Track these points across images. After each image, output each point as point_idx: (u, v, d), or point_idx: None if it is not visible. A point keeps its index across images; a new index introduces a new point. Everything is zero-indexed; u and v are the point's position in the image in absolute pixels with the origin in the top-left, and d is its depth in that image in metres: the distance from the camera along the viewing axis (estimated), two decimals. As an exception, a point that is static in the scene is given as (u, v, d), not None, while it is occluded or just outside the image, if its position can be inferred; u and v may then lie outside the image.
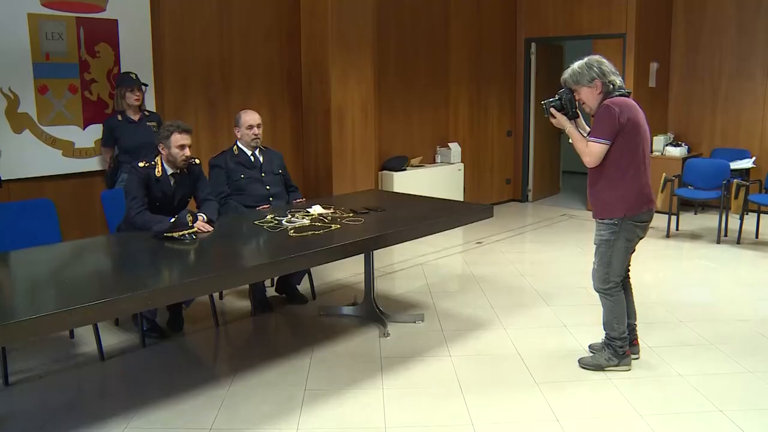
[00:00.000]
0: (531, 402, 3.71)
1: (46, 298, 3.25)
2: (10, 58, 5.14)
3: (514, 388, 3.87)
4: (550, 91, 4.14)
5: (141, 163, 4.34)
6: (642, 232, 3.94)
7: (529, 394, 3.79)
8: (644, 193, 3.85)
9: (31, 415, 3.71)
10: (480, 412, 3.60)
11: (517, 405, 3.68)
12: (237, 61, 6.59)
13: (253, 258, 3.93)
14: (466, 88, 8.96)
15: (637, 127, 3.80)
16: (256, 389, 3.91)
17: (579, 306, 5.13)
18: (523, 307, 5.23)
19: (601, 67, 4.02)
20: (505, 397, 3.77)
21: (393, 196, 5.63)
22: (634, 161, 3.81)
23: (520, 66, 9.63)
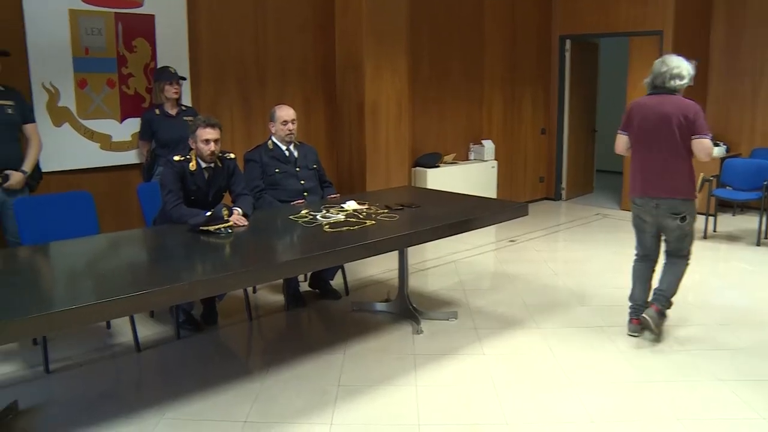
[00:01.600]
0: (566, 402, 3.67)
1: (85, 289, 3.29)
2: (51, 53, 5.22)
3: (548, 388, 3.84)
4: (585, 89, 4.20)
5: (176, 157, 4.37)
6: (645, 215, 4.45)
7: (563, 395, 3.76)
8: (635, 180, 4.47)
9: (71, 403, 3.77)
10: (514, 411, 3.57)
11: (552, 405, 3.65)
12: (272, 56, 6.62)
13: (288, 253, 3.93)
14: (499, 85, 8.91)
15: (637, 122, 4.42)
16: (289, 383, 3.92)
17: (614, 306, 5.07)
18: (557, 306, 5.18)
19: (652, 68, 4.46)
20: (540, 396, 3.74)
21: (427, 192, 5.60)
22: (636, 151, 4.46)
23: (555, 63, 9.54)
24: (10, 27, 5.01)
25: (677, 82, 4.30)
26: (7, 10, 5.01)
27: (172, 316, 4.73)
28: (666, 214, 4.35)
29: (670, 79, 4.30)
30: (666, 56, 4.42)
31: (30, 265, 3.82)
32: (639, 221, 4.54)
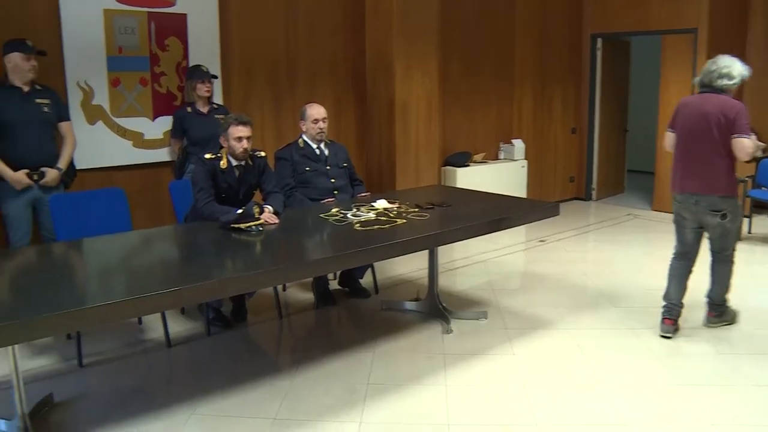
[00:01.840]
0: (596, 404, 3.63)
1: (118, 285, 3.33)
2: (86, 52, 5.29)
3: (579, 390, 3.80)
4: (616, 88, 4.20)
5: (207, 155, 4.39)
6: (685, 212, 4.47)
7: (594, 397, 3.72)
8: (676, 176, 4.51)
9: (103, 396, 3.83)
10: (544, 412, 3.55)
11: (583, 407, 3.61)
12: (302, 55, 6.64)
13: (319, 251, 3.94)
14: (530, 84, 8.85)
15: (681, 120, 4.45)
16: (318, 381, 3.93)
17: (647, 308, 5.01)
18: (587, 307, 5.13)
19: (703, 67, 4.47)
20: (571, 398, 3.71)
21: (457, 191, 5.58)
22: (678, 149, 4.49)
23: (586, 62, 9.44)
24: (48, 28, 5.10)
25: (725, 81, 4.28)
26: (45, 12, 5.10)
27: (202, 313, 4.76)
28: (706, 211, 4.35)
29: (717, 78, 4.29)
30: (719, 56, 4.39)
31: (64, 260, 3.88)
32: (679, 218, 4.54)
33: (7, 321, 2.61)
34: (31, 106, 4.67)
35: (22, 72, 4.63)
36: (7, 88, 4.63)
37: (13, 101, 4.61)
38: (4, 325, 2.58)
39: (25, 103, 4.65)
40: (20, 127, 4.62)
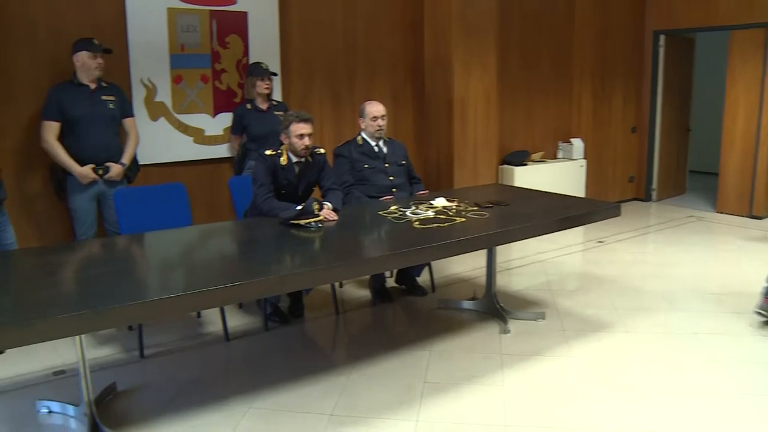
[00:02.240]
0: (657, 411, 3.54)
1: (180, 279, 3.38)
2: (150, 50, 5.39)
3: (639, 395, 3.71)
4: (679, 86, 4.02)
5: (268, 151, 4.43)
6: None
7: (655, 403, 3.62)
8: None
9: (163, 387, 3.90)
10: (602, 416, 3.48)
11: (643, 413, 3.52)
12: (361, 52, 6.65)
13: (377, 248, 3.93)
14: (589, 82, 8.70)
15: None
16: (375, 378, 3.94)
17: (710, 312, 4.89)
18: (648, 310, 5.02)
19: None
20: (630, 403, 3.62)
21: (515, 190, 5.51)
22: None
23: (647, 59, 9.24)
24: (114, 26, 5.22)
25: None
26: (111, 11, 5.22)
27: (260, 308, 4.81)
28: None
29: None
30: None
31: (128, 253, 3.95)
32: None
33: (74, 312, 2.67)
34: (98, 103, 4.79)
35: (89, 70, 4.75)
36: (75, 86, 4.75)
37: (80, 98, 4.73)
38: (73, 315, 2.64)
39: (92, 100, 4.77)
40: (87, 123, 4.74)
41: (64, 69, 4.85)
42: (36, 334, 2.64)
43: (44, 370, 4.12)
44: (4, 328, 2.54)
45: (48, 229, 5.14)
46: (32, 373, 4.07)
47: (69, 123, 4.72)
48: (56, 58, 4.94)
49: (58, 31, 4.97)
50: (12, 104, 4.87)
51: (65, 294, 3.12)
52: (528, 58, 7.96)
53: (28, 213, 5.04)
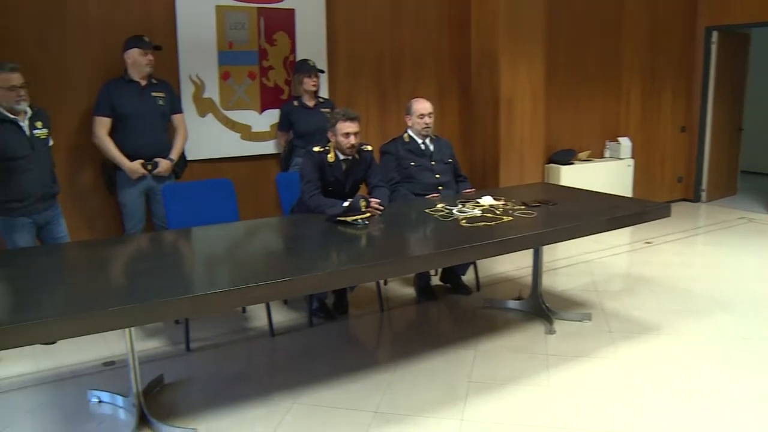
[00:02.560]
0: (709, 418, 3.45)
1: (226, 274, 3.41)
2: (199, 47, 5.46)
3: (689, 401, 3.62)
4: (732, 84, 3.88)
5: (316, 148, 4.45)
6: None
7: (706, 409, 3.53)
8: None
9: (209, 381, 3.94)
10: (651, 421, 3.41)
11: (694, 419, 3.43)
12: (407, 49, 6.64)
13: (424, 246, 3.91)
14: (638, 80, 8.55)
15: None
16: (419, 376, 3.92)
17: (762, 317, 4.77)
18: (696, 313, 4.91)
19: None
20: (681, 409, 3.54)
21: (562, 190, 5.45)
22: None
23: (699, 56, 9.03)
24: (164, 24, 5.30)
25: None
26: (162, 9, 5.31)
27: (306, 304, 4.83)
28: None
29: None
30: None
31: (175, 248, 4.00)
32: None
33: (125, 305, 2.71)
34: (148, 99, 4.86)
35: (140, 66, 4.82)
36: (126, 83, 4.83)
37: (131, 95, 4.81)
38: (124, 308, 2.68)
39: (142, 97, 4.84)
40: (137, 119, 4.81)
41: (115, 66, 4.93)
42: (88, 326, 2.69)
43: (94, 360, 4.20)
44: (57, 319, 2.58)
45: (98, 223, 5.24)
46: (83, 364, 4.16)
47: (119, 119, 4.80)
48: (108, 55, 5.02)
49: (110, 29, 5.06)
50: (66, 101, 4.97)
51: (115, 287, 3.18)
52: (576, 55, 7.86)
53: (80, 207, 5.14)
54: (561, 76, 7.73)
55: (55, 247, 4.26)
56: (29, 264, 3.46)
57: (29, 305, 2.80)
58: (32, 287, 3.02)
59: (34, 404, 3.66)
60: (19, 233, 4.27)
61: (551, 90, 7.53)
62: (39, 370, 4.10)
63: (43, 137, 4.32)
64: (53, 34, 4.91)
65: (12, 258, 3.69)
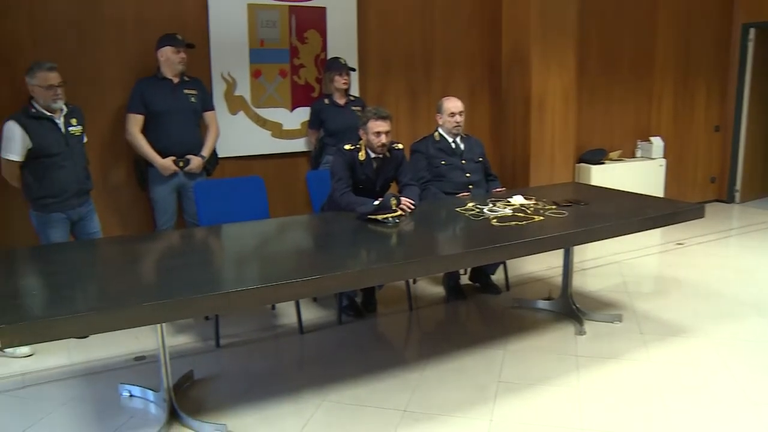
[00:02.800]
0: (745, 424, 3.38)
1: (257, 271, 3.43)
2: (230, 45, 5.49)
3: (724, 406, 3.56)
4: None
5: (347, 146, 4.45)
6: None
7: (742, 415, 3.46)
8: None
9: (238, 377, 3.96)
10: (684, 425, 3.36)
11: (729, 425, 3.37)
12: (438, 48, 6.62)
13: (455, 245, 3.90)
14: (671, 79, 8.43)
15: None
16: (448, 376, 3.91)
17: (800, 321, 4.70)
18: (730, 316, 4.84)
19: None
20: (714, 413, 3.48)
21: (593, 189, 5.39)
22: None
23: (735, 54, 8.87)
24: (197, 22, 5.34)
25: None
26: (194, 7, 5.35)
27: (336, 302, 4.84)
28: None
29: None
30: None
31: (206, 244, 4.03)
32: None
33: (157, 301, 2.73)
34: (180, 96, 4.90)
35: (173, 64, 4.86)
36: (159, 80, 4.87)
37: (164, 92, 4.85)
38: (156, 304, 2.71)
39: (175, 94, 4.88)
40: (170, 116, 4.85)
41: (149, 64, 4.98)
42: (121, 321, 2.72)
43: (125, 355, 4.25)
44: (90, 314, 2.61)
45: (130, 219, 5.30)
46: (114, 358, 4.21)
47: (152, 116, 4.85)
48: (142, 53, 5.07)
49: (144, 27, 5.11)
50: (100, 98, 5.03)
51: (147, 283, 3.21)
52: (607, 54, 7.78)
53: (112, 203, 5.20)
54: (592, 74, 7.65)
55: (88, 243, 4.31)
56: (63, 259, 3.51)
57: (63, 300, 2.83)
58: (66, 282, 3.07)
59: (67, 397, 3.71)
60: (54, 228, 4.33)
61: (582, 88, 7.47)
62: (71, 363, 4.16)
63: (78, 134, 4.38)
64: (88, 33, 4.97)
65: (46, 253, 3.75)
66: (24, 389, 3.83)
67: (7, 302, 2.71)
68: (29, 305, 2.77)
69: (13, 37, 4.72)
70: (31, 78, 4.15)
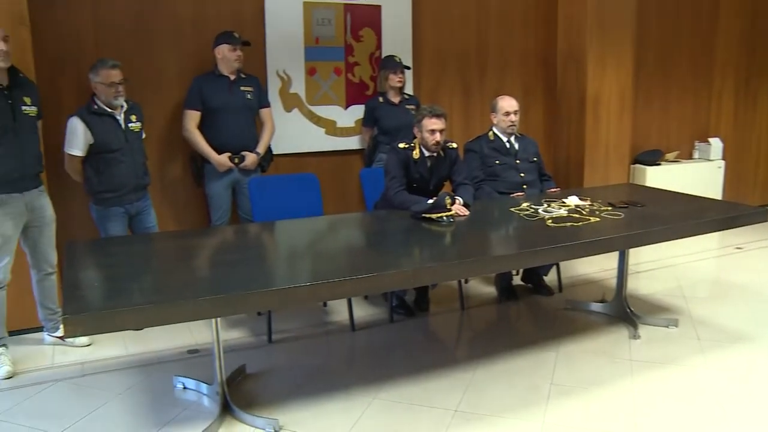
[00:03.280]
0: (805, 431, 3.30)
1: (310, 267, 3.46)
2: (286, 43, 5.54)
3: (784, 413, 3.47)
4: None
5: (401, 144, 4.45)
6: None
7: (802, 422, 3.38)
8: None
9: (289, 372, 3.99)
10: (746, 433, 3.29)
11: (788, 433, 3.29)
12: (492, 46, 6.57)
13: (509, 245, 3.87)
14: (732, 79, 8.21)
15: None
16: (500, 376, 3.88)
17: None
18: (792, 323, 4.71)
19: None
20: (774, 422, 3.40)
21: (649, 191, 5.29)
22: None
23: (801, 55, 8.62)
24: (253, 19, 5.40)
25: None
26: (252, 5, 5.40)
27: (386, 300, 4.85)
28: None
29: None
30: None
31: (260, 241, 4.08)
32: None
33: (212, 295, 2.77)
34: (236, 93, 4.95)
35: (229, 62, 4.92)
36: (216, 77, 4.93)
37: (221, 89, 4.91)
38: (214, 298, 2.74)
39: (231, 91, 4.94)
40: (226, 113, 4.91)
41: (206, 61, 5.05)
42: (178, 314, 2.78)
43: (179, 347, 4.32)
44: (149, 307, 2.66)
45: (185, 214, 5.38)
46: (168, 350, 4.29)
47: (209, 113, 4.91)
48: (199, 50, 5.15)
49: (201, 25, 5.18)
50: (158, 95, 5.11)
51: (202, 277, 3.26)
52: (666, 53, 7.61)
53: (168, 198, 5.28)
54: (649, 73, 7.50)
55: (145, 237, 4.40)
56: (121, 252, 3.58)
57: (123, 292, 2.89)
58: (125, 275, 3.14)
59: (123, 387, 3.79)
60: (112, 222, 4.43)
61: (638, 88, 7.33)
62: (127, 354, 4.25)
63: (137, 130, 4.47)
64: (147, 32, 5.06)
65: (105, 246, 3.84)
66: (83, 377, 3.93)
67: (71, 293, 2.77)
68: (91, 297, 2.83)
69: (79, 37, 4.83)
70: (94, 75, 4.25)
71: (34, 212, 4.06)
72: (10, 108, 3.83)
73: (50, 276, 4.26)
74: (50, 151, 4.33)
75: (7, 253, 3.94)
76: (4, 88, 3.82)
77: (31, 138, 4.00)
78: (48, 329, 4.39)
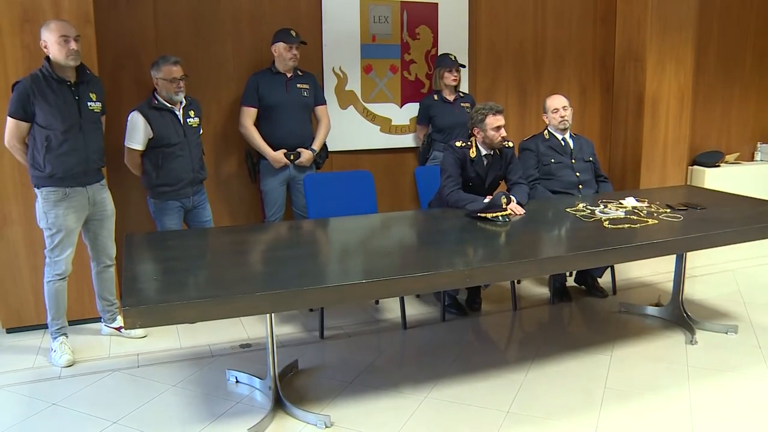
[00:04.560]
0: None
1: (365, 264, 3.47)
2: (343, 40, 5.57)
3: None
4: None
5: (458, 143, 4.43)
6: None
7: None
8: None
9: (341, 369, 4.01)
10: (808, 444, 3.19)
11: None
12: (549, 44, 6.50)
13: (565, 246, 3.83)
14: (798, 79, 7.99)
15: None
16: (553, 379, 3.84)
17: None
18: None
19: None
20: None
21: (708, 193, 5.16)
22: None
23: None
24: (311, 16, 5.44)
25: None
26: (309, 3, 5.45)
27: (437, 299, 4.84)
28: None
29: None
30: None
31: (314, 237, 4.10)
32: None
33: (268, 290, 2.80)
34: (293, 90, 4.99)
35: (284, 60, 4.96)
36: (273, 74, 4.98)
37: (277, 86, 4.95)
38: (271, 294, 2.77)
39: (288, 88, 4.98)
40: (282, 110, 4.96)
41: (263, 58, 5.11)
42: (234, 309, 2.82)
43: (231, 342, 4.37)
44: (206, 301, 2.70)
45: (240, 210, 5.45)
46: (221, 344, 4.34)
47: (265, 109, 4.96)
48: (256, 48, 5.21)
49: (259, 22, 5.24)
50: (216, 92, 5.19)
51: (257, 272, 3.30)
52: (727, 53, 7.43)
53: (223, 193, 5.36)
54: (709, 73, 7.34)
55: (200, 231, 4.46)
56: (178, 245, 3.65)
57: (179, 286, 2.95)
58: (181, 268, 3.19)
59: (177, 379, 3.86)
60: (169, 216, 4.51)
61: (698, 88, 7.18)
62: (181, 347, 4.32)
63: (195, 126, 4.53)
64: (206, 29, 5.14)
65: (163, 240, 3.91)
66: (138, 368, 4.01)
67: (131, 286, 2.83)
68: (150, 290, 2.88)
69: (140, 34, 4.93)
70: (156, 71, 4.33)
71: (96, 206, 4.16)
72: (77, 104, 3.93)
73: (109, 268, 4.36)
74: (110, 145, 4.42)
75: (69, 246, 4.04)
76: (72, 84, 3.92)
77: (95, 133, 4.09)
78: (105, 320, 4.49)
